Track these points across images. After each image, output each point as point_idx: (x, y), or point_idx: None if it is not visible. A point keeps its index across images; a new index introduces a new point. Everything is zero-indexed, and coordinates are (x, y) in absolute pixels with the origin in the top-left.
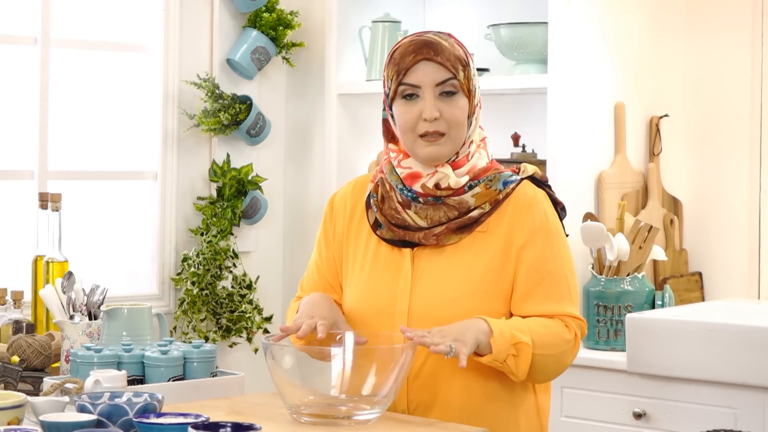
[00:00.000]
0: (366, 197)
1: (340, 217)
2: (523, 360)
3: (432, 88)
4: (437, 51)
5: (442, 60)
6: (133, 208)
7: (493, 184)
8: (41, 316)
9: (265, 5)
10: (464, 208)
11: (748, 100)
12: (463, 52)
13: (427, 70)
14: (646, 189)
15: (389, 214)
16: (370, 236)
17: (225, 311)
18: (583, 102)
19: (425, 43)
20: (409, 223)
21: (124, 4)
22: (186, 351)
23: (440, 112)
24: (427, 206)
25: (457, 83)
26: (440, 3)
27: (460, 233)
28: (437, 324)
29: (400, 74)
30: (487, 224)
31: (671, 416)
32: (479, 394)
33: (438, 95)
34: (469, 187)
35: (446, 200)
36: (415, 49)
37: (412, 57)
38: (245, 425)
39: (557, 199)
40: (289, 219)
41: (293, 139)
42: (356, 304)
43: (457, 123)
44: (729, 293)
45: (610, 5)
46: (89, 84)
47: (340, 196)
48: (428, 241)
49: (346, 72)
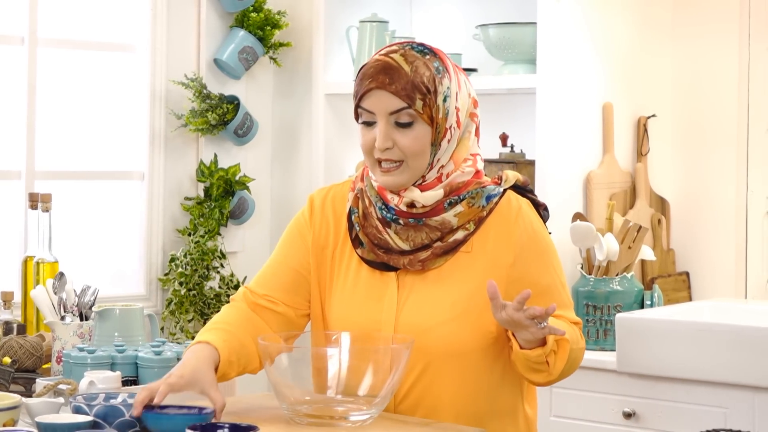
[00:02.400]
0: (348, 212)
1: (321, 228)
2: (561, 356)
3: (386, 117)
4: (393, 79)
5: (396, 90)
6: (120, 208)
7: (476, 201)
8: (31, 317)
9: (253, 5)
10: (447, 228)
11: (735, 101)
12: (429, 76)
13: (380, 98)
14: (634, 189)
15: (371, 233)
16: (352, 254)
17: (213, 311)
18: (572, 102)
19: (384, 68)
20: (391, 245)
21: (111, 3)
22: (179, 352)
23: (394, 142)
24: (408, 227)
25: (413, 113)
26: (428, 3)
27: (445, 256)
28: (423, 349)
29: (356, 97)
30: (471, 244)
31: (661, 416)
32: (469, 407)
33: (393, 123)
34: (449, 204)
35: (427, 221)
36: (373, 74)
37: (368, 82)
38: (243, 426)
39: (539, 202)
40: (276, 219)
41: (280, 139)
42: (339, 326)
43: (413, 153)
44: (716, 293)
45: (598, 6)
46: (76, 84)
47: (319, 202)
48: (413, 267)
49: (334, 72)
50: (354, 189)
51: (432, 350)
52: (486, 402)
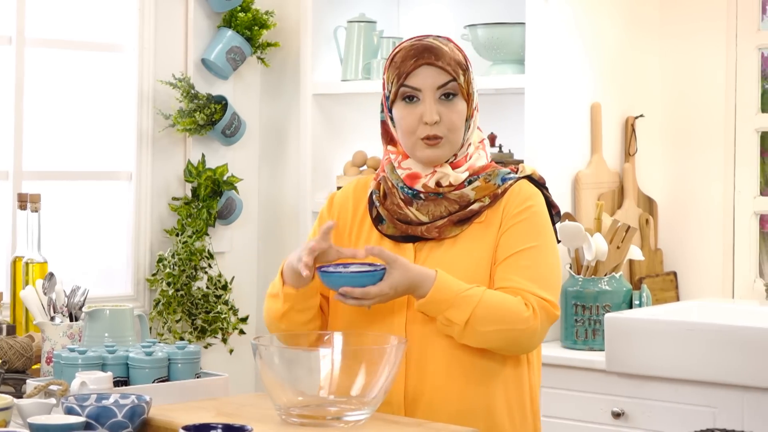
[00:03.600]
0: (369, 194)
1: (341, 214)
2: (462, 311)
3: (432, 92)
4: (438, 55)
5: (443, 64)
6: (107, 208)
7: (492, 179)
8: (20, 318)
9: (240, 5)
10: (465, 201)
11: (722, 101)
12: (462, 56)
13: (428, 74)
14: (622, 189)
15: (392, 209)
16: (372, 232)
17: (200, 312)
18: (560, 102)
19: (426, 47)
20: (411, 218)
21: (99, 3)
22: (170, 352)
23: (440, 116)
24: (429, 202)
25: (456, 86)
26: (416, 3)
27: (461, 225)
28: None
29: (401, 77)
30: (485, 215)
31: (650, 415)
32: (467, 372)
33: (438, 98)
34: (468, 182)
35: (447, 195)
36: (417, 53)
37: (414, 61)
38: (236, 427)
39: (553, 202)
40: (264, 219)
41: (268, 140)
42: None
43: (455, 126)
44: (703, 293)
45: (587, 6)
46: (64, 84)
47: (340, 195)
48: (430, 233)
49: (322, 72)
50: (377, 178)
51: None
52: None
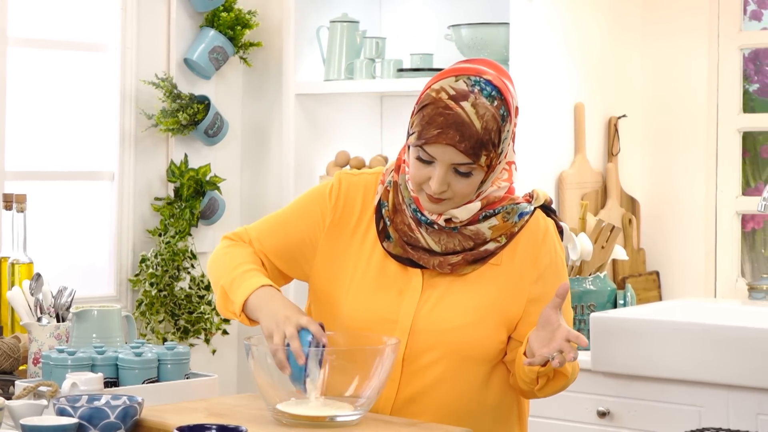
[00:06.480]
0: (376, 203)
1: (346, 207)
2: (552, 384)
3: (447, 166)
4: (463, 136)
5: (464, 148)
6: (90, 208)
7: (510, 217)
8: (6, 319)
9: (223, 5)
10: (480, 239)
11: (704, 101)
12: (496, 130)
13: (445, 151)
14: (605, 189)
15: (401, 230)
16: (375, 246)
17: (183, 312)
18: (544, 102)
19: (455, 122)
20: (422, 244)
21: (81, 3)
22: (160, 353)
23: (449, 185)
24: (441, 232)
25: (475, 167)
26: (399, 3)
27: (475, 265)
28: (437, 347)
29: (420, 138)
30: (500, 257)
31: (635, 415)
32: (455, 374)
33: (452, 171)
34: (484, 217)
35: (462, 230)
36: (443, 126)
37: (437, 134)
38: (231, 427)
39: (559, 225)
40: (246, 219)
41: (250, 140)
42: (357, 313)
43: (463, 194)
44: (685, 292)
45: (570, 6)
46: (47, 83)
47: (352, 186)
48: (443, 269)
49: (304, 72)
50: (384, 182)
51: (445, 349)
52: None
